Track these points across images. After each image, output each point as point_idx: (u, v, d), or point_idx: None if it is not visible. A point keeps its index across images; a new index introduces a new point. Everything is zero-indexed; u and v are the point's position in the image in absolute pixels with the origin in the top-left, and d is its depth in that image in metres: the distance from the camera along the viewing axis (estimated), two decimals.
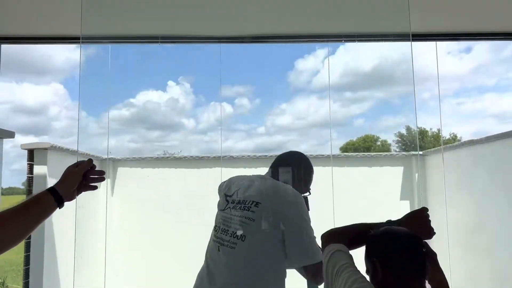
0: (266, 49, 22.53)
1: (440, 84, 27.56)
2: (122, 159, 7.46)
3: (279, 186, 1.90)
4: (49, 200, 1.33)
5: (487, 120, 32.75)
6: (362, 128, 23.74)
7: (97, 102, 10.23)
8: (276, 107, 18.23)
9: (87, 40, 2.81)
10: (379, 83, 16.18)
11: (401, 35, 3.14)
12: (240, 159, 7.48)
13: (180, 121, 21.14)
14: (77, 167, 1.41)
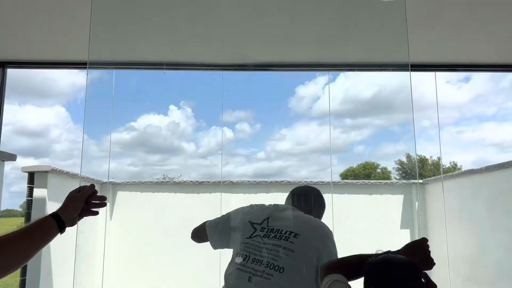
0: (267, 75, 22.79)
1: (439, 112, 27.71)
2: (122, 183, 7.45)
3: (314, 220, 1.91)
4: (52, 225, 1.33)
5: (487, 149, 32.81)
6: (362, 155, 23.80)
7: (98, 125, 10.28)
8: (276, 132, 18.30)
9: (94, 66, 2.86)
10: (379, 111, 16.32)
11: (400, 65, 3.19)
12: (240, 185, 7.47)
13: (180, 145, 21.19)
14: (79, 192, 1.42)
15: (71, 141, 26.25)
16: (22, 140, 28.20)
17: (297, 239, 1.75)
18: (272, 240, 1.77)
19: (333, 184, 7.55)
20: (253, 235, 1.83)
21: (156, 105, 16.74)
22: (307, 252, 1.74)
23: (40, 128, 30.02)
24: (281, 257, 1.72)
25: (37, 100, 29.96)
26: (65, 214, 1.37)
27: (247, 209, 1.99)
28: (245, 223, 1.91)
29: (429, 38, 2.97)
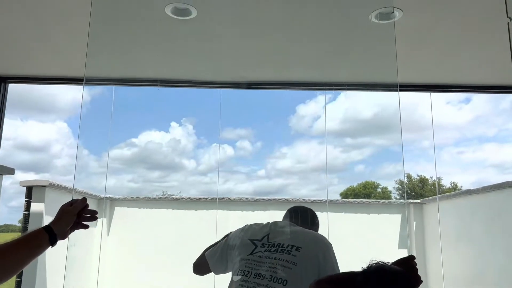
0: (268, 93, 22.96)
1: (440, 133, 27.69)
2: (120, 198, 7.45)
3: (314, 233, 1.94)
4: (44, 238, 1.35)
5: (488, 170, 32.78)
6: (362, 175, 23.77)
7: (99, 141, 10.34)
8: (277, 150, 18.36)
9: (90, 82, 2.91)
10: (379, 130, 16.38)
11: (390, 85, 3.25)
12: (238, 202, 7.47)
13: (181, 162, 21.19)
14: (71, 205, 1.44)
15: (72, 157, 26.26)
16: (23, 155, 28.24)
17: (299, 252, 1.77)
18: (274, 254, 1.79)
19: (331, 203, 7.55)
20: (254, 252, 1.85)
21: (157, 121, 16.83)
22: (309, 264, 1.76)
23: (42, 143, 30.09)
24: (283, 270, 1.73)
25: (39, 115, 30.11)
26: (57, 227, 1.39)
27: (246, 228, 2.01)
28: (245, 241, 1.92)
29: (424, 59, 3.03)
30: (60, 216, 1.42)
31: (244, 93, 15.74)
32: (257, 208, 7.41)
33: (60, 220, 1.41)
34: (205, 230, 6.36)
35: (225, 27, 2.60)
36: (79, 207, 1.45)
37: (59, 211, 1.44)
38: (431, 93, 3.81)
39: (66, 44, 2.78)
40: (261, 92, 21.42)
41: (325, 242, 1.87)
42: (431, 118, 4.63)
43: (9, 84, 3.29)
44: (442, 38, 2.69)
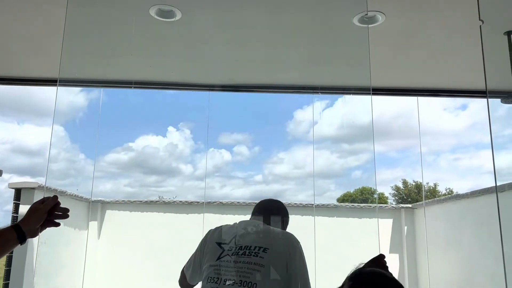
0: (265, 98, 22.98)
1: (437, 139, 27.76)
2: (111, 202, 7.42)
3: (281, 233, 1.93)
4: (11, 236, 1.35)
5: (484, 176, 32.86)
6: (359, 180, 23.74)
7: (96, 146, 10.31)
8: (274, 155, 18.35)
9: (64, 83, 2.90)
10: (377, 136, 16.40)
11: (363, 88, 3.26)
12: (230, 206, 7.46)
13: (177, 167, 21.16)
14: (42, 203, 1.44)
15: (68, 161, 26.16)
16: (20, 158, 28.14)
17: (266, 253, 1.76)
18: (242, 257, 1.77)
19: (324, 208, 7.55)
20: (221, 256, 1.83)
21: (154, 126, 16.82)
22: (277, 265, 1.75)
23: (38, 147, 29.99)
24: (252, 273, 1.71)
25: (36, 119, 30.06)
26: (26, 225, 1.39)
27: (213, 230, 1.99)
28: (212, 245, 1.90)
29: (410, 63, 3.04)
30: (30, 214, 1.42)
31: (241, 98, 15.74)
32: (250, 212, 7.38)
33: (30, 218, 1.41)
34: (196, 234, 6.34)
35: (209, 29, 2.60)
36: (50, 205, 1.45)
37: (29, 209, 1.44)
38: (418, 97, 3.84)
39: (40, 44, 2.76)
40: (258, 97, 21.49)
41: (292, 241, 1.85)
42: (428, 124, 4.63)
43: None
44: (426, 42, 2.70)
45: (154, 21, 2.46)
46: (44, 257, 4.95)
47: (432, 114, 27.29)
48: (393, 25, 2.47)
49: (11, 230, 1.36)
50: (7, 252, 1.37)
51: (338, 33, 2.60)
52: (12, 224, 1.39)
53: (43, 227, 1.45)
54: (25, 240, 1.38)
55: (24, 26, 2.55)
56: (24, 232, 1.37)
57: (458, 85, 3.48)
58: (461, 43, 2.72)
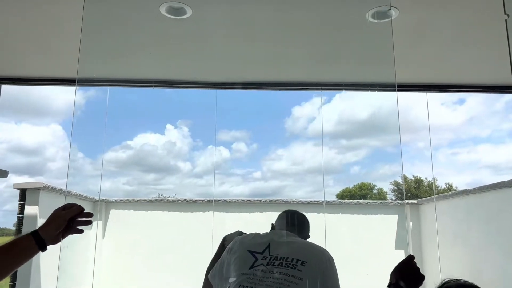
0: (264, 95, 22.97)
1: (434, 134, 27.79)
2: (115, 201, 7.40)
3: (316, 246, 1.90)
4: (30, 243, 1.32)
5: (482, 170, 32.92)
6: (358, 176, 23.80)
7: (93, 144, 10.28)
8: (272, 152, 18.33)
9: (83, 83, 2.88)
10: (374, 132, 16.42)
11: (388, 85, 3.23)
12: (234, 204, 7.44)
13: (176, 164, 21.12)
14: (64, 210, 1.41)
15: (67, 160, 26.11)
16: (17, 158, 28.06)
17: (304, 266, 1.73)
18: (278, 268, 1.73)
19: (328, 204, 7.53)
20: (255, 265, 1.78)
21: (153, 124, 16.77)
22: (314, 279, 1.73)
23: (36, 146, 29.92)
24: (289, 285, 1.68)
25: (34, 118, 29.99)
26: (46, 232, 1.35)
27: (241, 238, 1.95)
28: (243, 254, 1.85)
29: (420, 59, 3.01)
30: (50, 221, 1.38)
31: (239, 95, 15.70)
32: (254, 210, 7.39)
33: (50, 224, 1.38)
34: (201, 232, 6.33)
35: (220, 26, 2.57)
36: (72, 214, 1.40)
37: (50, 215, 1.40)
38: (427, 93, 3.81)
39: (59, 45, 2.75)
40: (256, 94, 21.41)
41: (328, 257, 1.84)
42: (425, 119, 4.61)
43: (2, 86, 3.26)
44: (438, 37, 2.67)
45: (164, 19, 2.43)
46: (50, 259, 4.93)
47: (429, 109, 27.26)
48: (405, 20, 2.43)
49: (29, 237, 1.33)
50: (27, 260, 1.34)
51: (350, 29, 2.57)
52: (31, 231, 1.36)
53: (65, 233, 1.42)
54: (45, 247, 1.35)
55: (35, 26, 2.52)
56: (43, 238, 1.34)
57: (469, 80, 3.46)
58: (475, 38, 2.69)
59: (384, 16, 2.41)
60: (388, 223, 7.41)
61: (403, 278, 1.45)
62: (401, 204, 7.61)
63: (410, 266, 1.52)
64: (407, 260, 1.55)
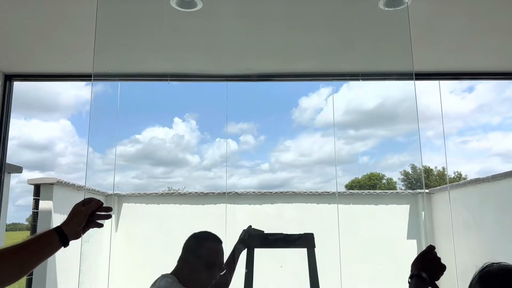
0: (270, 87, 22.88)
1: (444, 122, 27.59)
2: (127, 195, 7.45)
3: None
4: (53, 239, 1.33)
5: (492, 158, 32.65)
6: (366, 166, 23.69)
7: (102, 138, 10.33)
8: (280, 144, 18.30)
9: (98, 78, 2.89)
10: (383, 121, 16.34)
11: (404, 74, 3.21)
12: (245, 196, 7.45)
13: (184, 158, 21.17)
14: (83, 205, 1.42)
15: (76, 155, 26.36)
16: (28, 154, 28.36)
17: None
18: None
19: (338, 195, 7.52)
20: None
21: (160, 117, 16.81)
22: None
23: (46, 141, 30.18)
24: None
25: (43, 114, 30.24)
26: (68, 228, 1.37)
27: None
28: None
29: (432, 47, 2.98)
30: (72, 217, 1.40)
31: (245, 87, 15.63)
32: (264, 201, 7.40)
33: (72, 220, 1.39)
34: (214, 225, 6.36)
35: (231, 18, 2.56)
36: (92, 208, 1.42)
37: (71, 211, 1.42)
38: (440, 81, 3.77)
39: (71, 41, 2.75)
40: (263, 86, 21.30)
41: None
42: (434, 108, 4.56)
43: (14, 82, 3.28)
44: (451, 24, 2.64)
45: (175, 12, 2.42)
46: (65, 253, 4.99)
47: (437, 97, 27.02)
48: (418, 8, 2.40)
49: (53, 233, 1.35)
50: (50, 255, 1.35)
51: (363, 18, 2.54)
52: (54, 227, 1.37)
53: (86, 228, 1.43)
54: (68, 242, 1.36)
55: (47, 22, 2.52)
56: (66, 234, 1.35)
57: (482, 68, 3.42)
58: (485, 26, 2.65)
59: (396, 3, 2.38)
60: (400, 213, 7.38)
61: (425, 269, 1.44)
62: (413, 194, 7.56)
63: (432, 256, 1.52)
64: (427, 250, 1.54)
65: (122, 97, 3.12)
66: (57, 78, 3.26)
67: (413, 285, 1.43)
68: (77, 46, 2.81)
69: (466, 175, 25.80)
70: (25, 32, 2.64)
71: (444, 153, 12.10)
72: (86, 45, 2.68)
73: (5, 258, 1.25)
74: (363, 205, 7.41)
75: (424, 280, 1.42)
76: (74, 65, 3.09)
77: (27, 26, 2.56)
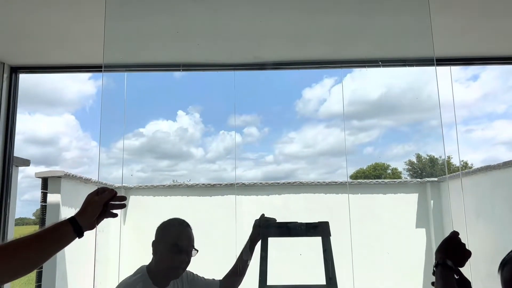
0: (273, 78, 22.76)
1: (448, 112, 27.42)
2: (134, 187, 7.46)
3: None
4: (67, 230, 1.31)
5: (497, 147, 32.43)
6: (371, 156, 23.58)
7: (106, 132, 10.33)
8: (284, 135, 18.23)
9: (109, 69, 2.85)
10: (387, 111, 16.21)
11: (424, 60, 3.15)
12: (252, 187, 7.44)
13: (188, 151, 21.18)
14: (97, 195, 1.39)
15: (81, 149, 26.43)
16: (32, 148, 28.41)
17: None
18: None
19: (346, 185, 7.49)
20: None
21: (164, 110, 16.78)
22: None
23: (50, 136, 30.22)
24: None
25: (46, 108, 30.27)
26: (83, 218, 1.34)
27: None
28: None
29: (443, 32, 2.92)
30: (86, 207, 1.37)
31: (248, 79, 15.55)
32: (272, 192, 7.38)
33: (86, 211, 1.36)
34: (222, 216, 6.35)
35: (240, 3, 2.50)
36: (106, 198, 1.39)
37: (84, 201, 1.39)
38: (451, 67, 3.71)
39: (79, 31, 2.71)
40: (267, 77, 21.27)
41: None
42: (443, 95, 4.45)
43: (20, 75, 3.24)
44: (463, 7, 2.58)
45: None
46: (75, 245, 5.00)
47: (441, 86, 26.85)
48: None
49: (67, 223, 1.32)
50: (65, 246, 1.33)
51: (375, 2, 2.48)
52: (68, 218, 1.34)
53: (100, 218, 1.41)
54: (82, 233, 1.34)
55: (54, 12, 2.48)
56: (80, 226, 1.33)
57: (494, 52, 3.35)
58: (495, 10, 2.59)
59: None
60: (408, 202, 7.35)
61: (450, 256, 1.39)
62: (422, 183, 7.51)
63: (456, 243, 1.48)
64: (451, 236, 1.50)
65: (125, 90, 3.08)
66: (64, 69, 3.22)
67: (438, 274, 1.39)
68: (85, 36, 2.77)
69: (472, 164, 25.66)
70: (31, 22, 2.59)
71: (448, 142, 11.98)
72: (94, 35, 2.64)
73: (23, 247, 1.22)
74: (371, 194, 7.37)
75: (450, 268, 1.38)
76: (82, 56, 3.05)
77: (32, 16, 2.51)
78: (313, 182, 7.51)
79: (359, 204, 7.06)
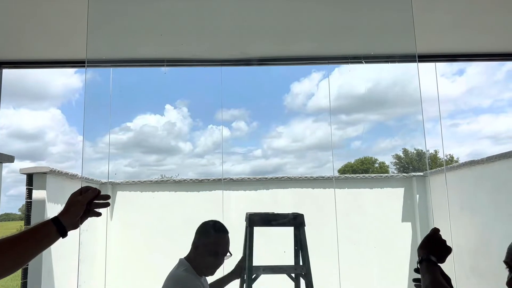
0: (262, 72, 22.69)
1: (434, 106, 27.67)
2: (122, 183, 7.41)
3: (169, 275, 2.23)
4: (50, 230, 1.29)
5: (482, 141, 32.89)
6: (359, 151, 23.77)
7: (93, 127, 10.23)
8: (272, 130, 18.27)
9: (92, 64, 2.83)
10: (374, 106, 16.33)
11: (406, 56, 3.17)
12: (240, 182, 7.44)
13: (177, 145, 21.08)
14: (80, 194, 1.38)
15: (67, 143, 26.14)
16: (18, 143, 28.07)
17: None
18: None
19: (333, 179, 7.54)
20: None
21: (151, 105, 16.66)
22: None
23: (36, 131, 29.87)
24: None
25: (32, 103, 29.91)
26: (66, 218, 1.33)
27: None
28: None
29: (427, 29, 2.94)
30: (69, 207, 1.36)
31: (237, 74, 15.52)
32: (259, 187, 7.40)
33: (69, 211, 1.35)
34: (210, 211, 6.34)
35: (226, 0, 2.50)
36: (89, 197, 1.38)
37: (68, 201, 1.38)
38: (436, 63, 3.75)
39: (62, 26, 2.68)
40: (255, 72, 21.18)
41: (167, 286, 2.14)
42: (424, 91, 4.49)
43: (3, 70, 3.20)
44: (447, 4, 2.60)
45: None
46: (61, 242, 4.97)
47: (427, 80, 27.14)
48: None
49: (50, 224, 1.30)
50: (48, 246, 1.32)
51: None
52: (51, 218, 1.33)
53: (84, 217, 1.39)
54: (66, 233, 1.33)
55: (37, 6, 2.44)
56: (64, 225, 1.32)
57: (478, 49, 3.39)
58: (480, 7, 2.62)
59: None
60: (394, 196, 7.43)
61: (432, 252, 1.43)
62: (408, 177, 7.59)
63: (437, 239, 1.51)
64: (432, 233, 1.53)
65: (112, 84, 3.06)
66: (49, 64, 3.18)
67: (424, 269, 1.41)
68: (69, 31, 2.74)
69: (458, 158, 26.01)
70: (14, 17, 2.56)
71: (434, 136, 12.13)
72: (78, 30, 2.61)
73: (4, 249, 1.21)
74: (358, 189, 7.44)
75: (434, 263, 1.41)
76: (66, 51, 3.02)
77: (16, 11, 2.48)
78: (301, 177, 7.54)
79: (346, 199, 7.11)
